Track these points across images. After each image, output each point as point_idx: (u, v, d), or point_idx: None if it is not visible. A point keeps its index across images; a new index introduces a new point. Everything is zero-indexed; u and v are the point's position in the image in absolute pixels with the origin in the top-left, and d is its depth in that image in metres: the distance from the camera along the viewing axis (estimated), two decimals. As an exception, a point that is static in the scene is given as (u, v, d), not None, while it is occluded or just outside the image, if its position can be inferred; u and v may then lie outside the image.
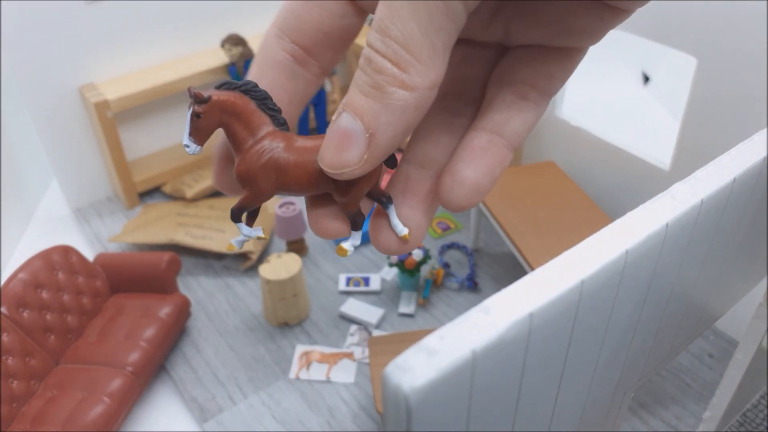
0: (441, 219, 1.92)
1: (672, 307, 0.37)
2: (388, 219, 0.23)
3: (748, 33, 1.20)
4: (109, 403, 1.28)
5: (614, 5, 0.21)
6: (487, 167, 0.22)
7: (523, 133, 0.23)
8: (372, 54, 0.18)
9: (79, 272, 1.50)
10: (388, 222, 0.23)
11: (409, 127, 0.20)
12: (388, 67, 0.18)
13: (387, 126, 0.19)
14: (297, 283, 1.53)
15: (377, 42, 0.18)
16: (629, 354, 0.36)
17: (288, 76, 0.23)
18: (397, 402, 0.19)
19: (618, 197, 1.64)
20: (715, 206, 0.34)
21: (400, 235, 0.23)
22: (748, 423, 0.62)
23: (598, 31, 0.22)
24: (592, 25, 0.22)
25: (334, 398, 1.41)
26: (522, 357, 0.24)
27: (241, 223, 0.26)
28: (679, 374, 1.42)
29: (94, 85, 1.84)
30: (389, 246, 0.24)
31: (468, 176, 0.22)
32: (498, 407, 0.25)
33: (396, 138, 0.20)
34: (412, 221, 0.23)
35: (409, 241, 0.23)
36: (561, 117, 1.70)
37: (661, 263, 0.32)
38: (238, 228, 0.26)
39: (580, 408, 0.34)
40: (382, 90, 0.18)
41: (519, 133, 0.23)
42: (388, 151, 0.20)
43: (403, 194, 0.24)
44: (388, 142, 0.20)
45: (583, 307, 0.27)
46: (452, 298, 1.65)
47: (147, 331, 1.43)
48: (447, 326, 0.21)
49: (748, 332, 0.52)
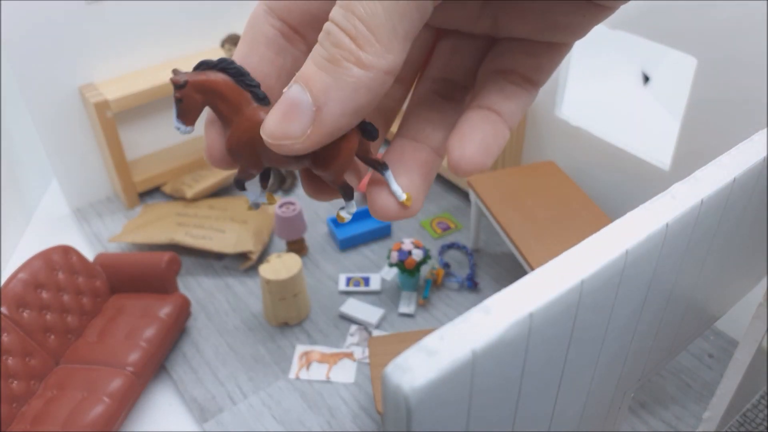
0: (441, 219, 1.92)
1: (672, 307, 0.37)
2: (386, 185, 0.23)
3: (748, 33, 1.20)
4: (109, 403, 1.28)
5: (596, 3, 0.21)
6: (491, 132, 0.23)
7: (517, 114, 0.24)
8: (332, 28, 0.18)
9: (79, 272, 1.50)
10: (386, 188, 0.23)
11: (358, 108, 0.19)
12: (346, 42, 0.18)
13: (336, 102, 0.19)
14: (297, 283, 1.53)
15: (339, 16, 0.18)
16: (629, 354, 0.36)
17: (276, 51, 0.23)
18: (397, 402, 0.19)
19: (618, 197, 1.64)
20: (715, 206, 0.34)
21: (400, 199, 0.23)
22: (748, 423, 0.62)
23: (581, 28, 0.23)
24: (575, 22, 0.23)
25: (334, 398, 1.41)
26: (522, 357, 0.24)
27: (245, 191, 0.26)
28: (679, 374, 1.42)
29: (94, 85, 1.84)
30: (388, 210, 0.23)
31: (476, 137, 0.22)
32: (498, 407, 0.25)
33: (344, 117, 0.19)
34: (411, 185, 0.23)
35: (410, 206, 0.23)
36: (561, 117, 1.70)
37: (661, 263, 0.32)
38: (245, 195, 0.27)
39: (580, 408, 0.34)
40: (336, 63, 0.18)
41: (514, 113, 0.23)
42: (334, 131, 0.20)
43: (400, 162, 0.24)
44: (335, 119, 0.19)
45: (583, 307, 0.27)
46: (452, 298, 1.65)
47: (147, 331, 1.43)
48: (447, 326, 0.21)
49: (748, 332, 0.52)
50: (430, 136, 0.24)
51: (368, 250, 1.82)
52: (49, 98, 1.79)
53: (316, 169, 0.23)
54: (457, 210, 1.96)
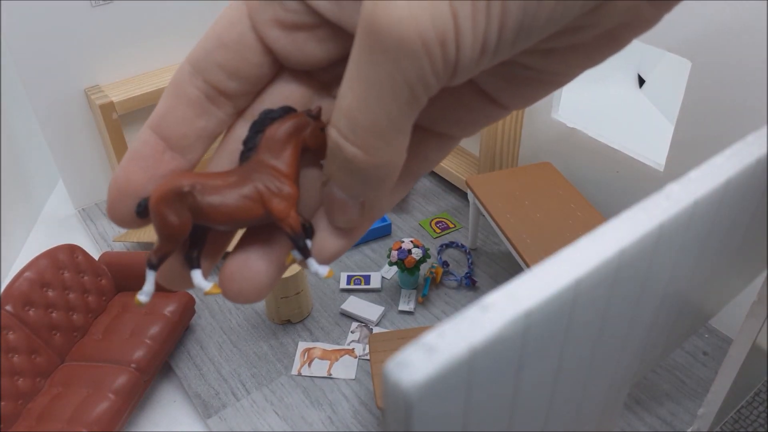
0: (440, 219, 1.93)
1: (666, 306, 0.38)
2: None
3: (742, 36, 1.20)
4: (114, 400, 1.29)
5: (499, 103, 0.22)
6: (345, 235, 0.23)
7: (387, 209, 0.24)
8: (341, 141, 0.19)
9: (85, 271, 1.51)
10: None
11: (391, 186, 0.21)
12: (360, 156, 0.19)
13: (373, 194, 0.21)
14: (299, 282, 1.54)
15: (346, 128, 0.19)
16: (624, 351, 0.36)
17: (198, 113, 0.22)
18: (397, 397, 0.20)
19: (613, 197, 1.65)
20: (709, 206, 0.35)
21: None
22: (742, 420, 0.63)
23: (478, 125, 0.24)
24: (477, 120, 0.23)
25: (335, 394, 1.42)
26: (519, 354, 0.25)
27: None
28: (674, 371, 1.43)
29: (99, 87, 1.85)
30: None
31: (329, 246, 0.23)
32: (495, 403, 0.26)
33: (382, 198, 0.21)
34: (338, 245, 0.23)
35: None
36: (557, 119, 1.71)
37: (656, 262, 0.33)
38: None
39: (576, 404, 0.35)
40: (358, 172, 0.20)
41: (384, 210, 0.24)
42: (382, 204, 0.22)
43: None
44: (379, 201, 0.22)
45: (579, 305, 0.28)
46: (451, 296, 1.66)
47: (152, 328, 1.44)
48: (446, 323, 0.22)
49: (742, 330, 0.53)
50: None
51: (369, 249, 1.82)
52: (54, 100, 1.80)
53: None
54: (456, 210, 1.97)
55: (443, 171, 2.01)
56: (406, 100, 0.18)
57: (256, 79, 0.22)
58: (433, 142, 0.24)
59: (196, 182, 0.21)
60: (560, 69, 0.21)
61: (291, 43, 0.21)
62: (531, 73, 0.21)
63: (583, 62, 0.21)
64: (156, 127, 0.22)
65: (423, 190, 2.06)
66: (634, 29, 0.20)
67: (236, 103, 0.23)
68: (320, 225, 0.23)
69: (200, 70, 0.22)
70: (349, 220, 0.22)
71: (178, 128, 0.22)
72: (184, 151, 0.22)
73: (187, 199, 0.21)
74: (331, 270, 0.23)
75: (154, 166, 0.22)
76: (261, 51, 0.21)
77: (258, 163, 0.22)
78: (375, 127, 0.19)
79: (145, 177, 0.22)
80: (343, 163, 0.20)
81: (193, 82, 0.22)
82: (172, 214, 0.21)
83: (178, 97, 0.22)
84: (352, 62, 0.18)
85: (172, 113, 0.22)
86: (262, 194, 0.22)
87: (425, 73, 0.18)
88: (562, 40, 0.19)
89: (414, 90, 0.18)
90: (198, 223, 0.22)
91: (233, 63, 0.21)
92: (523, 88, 0.22)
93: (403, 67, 0.17)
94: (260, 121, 0.22)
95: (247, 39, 0.21)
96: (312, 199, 0.23)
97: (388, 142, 0.19)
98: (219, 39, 0.21)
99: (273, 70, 0.22)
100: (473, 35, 0.17)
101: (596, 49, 0.20)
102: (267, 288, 0.23)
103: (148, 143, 0.22)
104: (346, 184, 0.21)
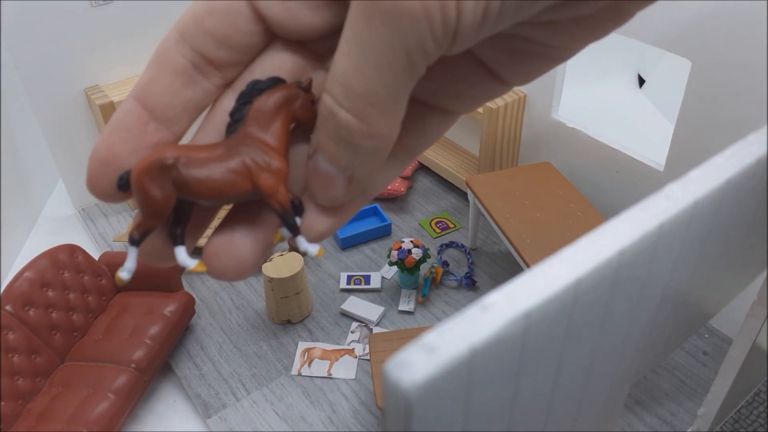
0: (440, 219, 1.93)
1: (666, 306, 0.38)
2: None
3: (742, 36, 1.20)
4: (114, 400, 1.29)
5: (503, 80, 0.22)
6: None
7: (380, 188, 0.24)
8: (335, 107, 0.19)
9: (85, 271, 1.51)
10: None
11: (382, 160, 0.20)
12: (354, 123, 0.19)
13: (362, 168, 0.20)
14: (299, 282, 1.54)
15: (341, 95, 0.19)
16: (624, 352, 0.36)
17: (184, 83, 0.21)
18: (397, 397, 0.20)
19: (613, 197, 1.65)
20: (710, 206, 0.35)
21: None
22: (742, 420, 0.63)
23: (478, 101, 0.23)
24: (476, 95, 0.23)
25: (335, 394, 1.42)
26: (519, 354, 0.25)
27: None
28: (674, 371, 1.43)
29: (99, 87, 1.85)
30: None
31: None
32: (495, 403, 0.26)
33: (371, 174, 0.21)
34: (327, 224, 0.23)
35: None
36: (557, 119, 1.71)
37: (655, 262, 0.33)
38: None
39: (576, 404, 0.35)
40: (350, 139, 0.19)
41: (377, 188, 0.23)
42: (370, 180, 0.21)
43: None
44: (367, 177, 0.21)
45: (579, 305, 0.28)
46: (451, 296, 1.66)
47: (152, 328, 1.44)
48: (446, 323, 0.22)
49: (742, 330, 0.53)
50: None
51: (369, 249, 1.82)
52: (54, 100, 1.80)
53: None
54: (456, 210, 1.97)
55: (443, 171, 2.01)
56: (403, 67, 0.18)
57: (247, 48, 0.21)
58: (431, 117, 0.23)
59: (180, 155, 0.20)
60: (563, 43, 0.21)
61: (284, 10, 0.20)
62: (533, 47, 0.21)
63: (586, 36, 0.20)
64: (140, 96, 0.21)
65: (423, 190, 2.06)
66: (638, 2, 0.20)
67: (225, 74, 0.22)
68: (310, 202, 0.22)
69: (188, 38, 0.21)
70: (333, 196, 0.21)
71: (164, 98, 0.21)
72: (169, 123, 0.21)
73: (171, 173, 0.20)
74: (321, 249, 0.22)
75: (138, 138, 0.21)
76: (252, 18, 0.21)
77: (245, 136, 0.21)
78: (371, 94, 0.18)
79: (127, 149, 0.21)
80: (335, 131, 0.19)
81: (180, 50, 0.21)
82: (156, 188, 0.20)
83: (163, 66, 0.21)
84: (348, 28, 0.18)
85: (157, 83, 0.21)
86: (250, 168, 0.21)
87: (424, 39, 0.17)
88: (565, 11, 0.19)
89: (412, 56, 0.17)
90: (182, 197, 0.21)
91: (223, 30, 0.21)
92: (525, 62, 0.21)
93: (402, 32, 0.17)
94: (248, 92, 0.21)
95: (238, 5, 0.20)
96: (302, 175, 0.22)
97: (383, 111, 0.18)
98: (209, 5, 0.21)
99: (264, 39, 0.21)
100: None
101: (600, 22, 0.20)
102: (251, 267, 0.23)
103: (131, 113, 0.21)
104: (336, 155, 0.20)
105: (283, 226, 0.22)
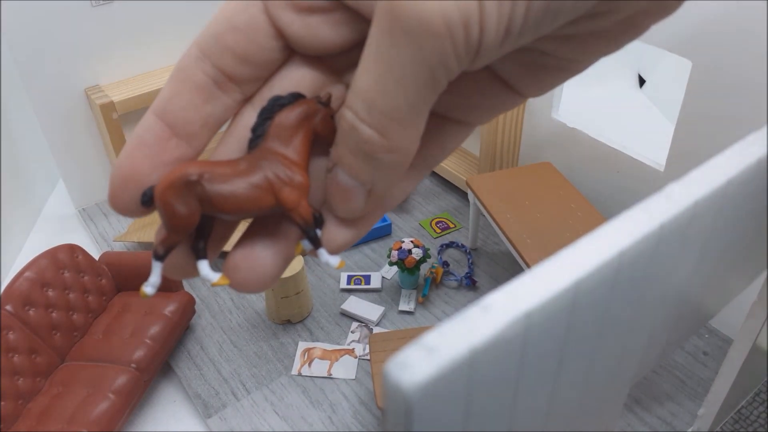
0: (440, 219, 1.93)
1: (666, 306, 0.38)
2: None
3: (743, 36, 1.20)
4: (114, 400, 1.29)
5: (516, 91, 0.22)
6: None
7: (399, 199, 0.24)
8: (357, 122, 0.19)
9: (85, 271, 1.51)
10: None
11: (401, 173, 0.21)
12: (375, 138, 0.19)
13: (381, 181, 0.20)
14: (299, 281, 1.54)
15: (363, 111, 0.19)
16: (624, 352, 0.36)
17: (204, 99, 0.21)
18: (398, 397, 0.20)
19: (613, 197, 1.65)
20: (710, 207, 0.35)
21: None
22: (743, 420, 0.63)
23: (494, 112, 0.23)
24: (493, 106, 0.23)
25: (335, 394, 1.42)
26: (519, 354, 0.25)
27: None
28: (674, 371, 1.43)
29: (99, 86, 1.85)
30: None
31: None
32: (496, 403, 0.26)
33: (392, 184, 0.21)
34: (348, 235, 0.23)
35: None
36: (557, 119, 1.71)
37: (656, 263, 0.33)
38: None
39: (576, 404, 0.35)
40: (371, 153, 0.19)
41: (396, 200, 0.24)
42: (389, 192, 0.21)
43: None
44: (386, 189, 0.21)
45: (579, 306, 0.28)
46: (451, 296, 1.66)
47: (152, 328, 1.44)
48: (446, 324, 0.22)
49: (742, 330, 0.53)
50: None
51: (369, 249, 1.82)
52: (55, 100, 1.80)
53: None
54: (456, 210, 1.97)
55: (443, 171, 2.01)
56: (425, 83, 0.18)
57: (267, 64, 0.22)
58: (448, 129, 0.23)
59: (204, 170, 0.21)
60: (578, 56, 0.21)
61: (304, 26, 0.21)
62: (549, 60, 0.21)
63: (601, 48, 0.20)
64: (160, 112, 0.21)
65: (423, 190, 2.06)
66: (653, 15, 0.20)
67: (244, 89, 0.22)
68: (330, 215, 0.22)
69: (208, 54, 0.21)
70: (352, 209, 0.21)
71: (184, 114, 0.21)
72: (189, 138, 0.22)
73: (195, 189, 0.20)
74: (342, 260, 0.23)
75: (159, 154, 0.21)
76: (273, 35, 0.21)
77: (267, 151, 0.21)
78: (393, 109, 0.18)
79: (149, 165, 0.21)
80: (356, 145, 0.19)
81: (201, 66, 0.21)
82: (180, 204, 0.20)
83: (184, 82, 0.21)
84: (370, 44, 0.18)
85: (177, 98, 0.21)
86: (273, 183, 0.21)
87: (447, 56, 0.17)
88: (582, 26, 0.19)
89: (434, 73, 0.17)
90: (206, 213, 0.21)
91: (243, 47, 0.21)
92: (541, 74, 0.22)
93: (425, 49, 0.17)
94: (269, 107, 0.21)
95: (258, 22, 0.21)
96: (320, 188, 0.23)
97: (405, 126, 0.19)
98: (229, 22, 0.21)
99: (284, 55, 0.22)
100: (498, 17, 0.17)
101: (615, 36, 0.20)
102: (272, 279, 0.23)
103: (151, 129, 0.21)
104: (357, 169, 0.20)
105: (305, 238, 0.22)
